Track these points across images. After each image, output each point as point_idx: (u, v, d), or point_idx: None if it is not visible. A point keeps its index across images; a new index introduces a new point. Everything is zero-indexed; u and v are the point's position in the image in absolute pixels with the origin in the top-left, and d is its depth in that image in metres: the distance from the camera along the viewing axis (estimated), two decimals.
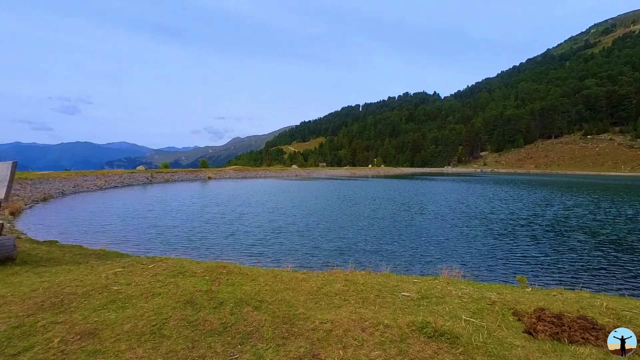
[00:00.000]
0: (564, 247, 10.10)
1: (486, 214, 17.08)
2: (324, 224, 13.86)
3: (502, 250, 9.70)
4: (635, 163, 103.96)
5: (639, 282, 7.13)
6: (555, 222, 14.75)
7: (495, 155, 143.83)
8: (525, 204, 21.21)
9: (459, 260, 8.65)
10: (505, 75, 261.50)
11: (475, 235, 11.70)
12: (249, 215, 15.89)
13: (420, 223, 14.17)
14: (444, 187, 36.87)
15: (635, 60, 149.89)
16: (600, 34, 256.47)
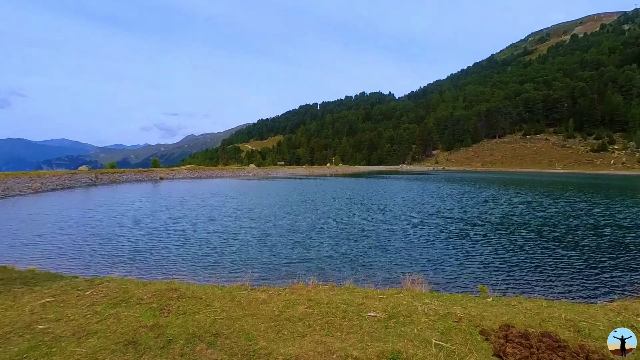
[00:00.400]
0: (515, 247, 10.59)
1: (441, 212, 17.66)
2: (283, 227, 13.48)
3: (459, 252, 9.95)
4: (567, 161, 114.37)
5: (586, 281, 7.57)
6: (504, 220, 15.55)
7: (446, 153, 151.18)
8: (476, 203, 22.28)
9: (418, 264, 8.71)
10: (454, 78, 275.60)
11: (433, 237, 11.96)
12: (204, 220, 15.09)
13: (380, 224, 14.27)
14: (400, 186, 37.89)
15: (566, 67, 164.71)
16: (537, 42, 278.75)
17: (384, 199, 24.56)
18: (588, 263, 8.87)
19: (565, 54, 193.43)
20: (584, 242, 11.25)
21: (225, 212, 17.61)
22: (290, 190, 31.99)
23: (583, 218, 16.32)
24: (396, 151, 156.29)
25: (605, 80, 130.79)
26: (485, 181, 48.62)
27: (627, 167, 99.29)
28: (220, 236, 11.84)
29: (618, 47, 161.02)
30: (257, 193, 28.42)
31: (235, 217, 16.08)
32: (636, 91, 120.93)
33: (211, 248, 10.27)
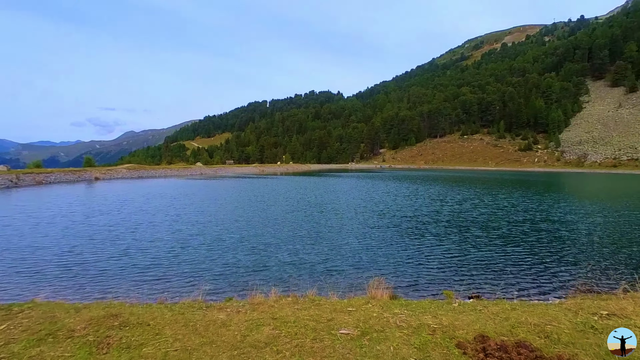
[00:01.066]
0: (467, 245, 11.01)
1: (394, 211, 18.02)
2: (236, 232, 12.78)
3: (415, 252, 10.08)
4: (499, 159, 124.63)
5: (536, 278, 8.00)
6: (453, 218, 16.25)
7: (392, 152, 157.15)
8: (425, 201, 23.17)
9: (378, 267, 8.64)
10: (399, 79, 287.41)
11: (389, 237, 12.05)
12: (146, 227, 13.83)
13: (336, 225, 14.14)
14: (351, 185, 38.42)
15: (497, 73, 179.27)
16: (472, 49, 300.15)
17: (337, 198, 24.63)
18: (533, 259, 9.46)
19: (496, 61, 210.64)
20: (526, 238, 12.06)
21: (171, 216, 16.38)
22: (240, 190, 30.90)
23: (521, 214, 17.62)
24: (345, 150, 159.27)
25: (530, 86, 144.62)
26: (430, 179, 51.13)
27: (548, 165, 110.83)
28: (166, 244, 10.87)
29: (540, 57, 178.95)
30: (206, 194, 27.01)
31: (182, 221, 14.98)
32: (555, 97, 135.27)
33: (155, 258, 9.34)
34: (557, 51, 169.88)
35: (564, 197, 26.60)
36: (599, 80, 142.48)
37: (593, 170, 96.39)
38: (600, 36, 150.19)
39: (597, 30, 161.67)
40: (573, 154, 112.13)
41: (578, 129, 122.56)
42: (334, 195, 26.43)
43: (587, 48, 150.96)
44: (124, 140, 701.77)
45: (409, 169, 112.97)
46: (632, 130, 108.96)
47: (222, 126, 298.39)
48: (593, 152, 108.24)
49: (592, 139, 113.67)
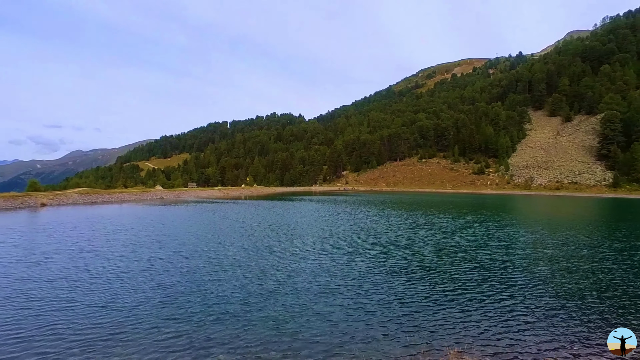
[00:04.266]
0: (469, 291, 10.80)
1: (379, 246, 17.67)
2: (221, 280, 11.67)
3: (409, 302, 9.69)
4: (455, 182, 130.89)
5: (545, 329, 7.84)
6: (434, 252, 16.19)
7: (354, 174, 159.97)
8: (404, 231, 23.18)
9: (366, 324, 8.09)
10: (359, 104, 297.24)
11: (370, 280, 11.58)
12: (98, 273, 12.29)
13: (323, 266, 13.47)
14: (324, 210, 37.90)
15: (449, 101, 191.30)
16: (426, 78, 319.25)
17: (316, 227, 23.98)
18: (538, 308, 9.42)
19: (448, 90, 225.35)
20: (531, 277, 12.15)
21: (127, 256, 14.79)
22: (211, 219, 29.22)
23: (519, 246, 18.03)
24: (308, 172, 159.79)
25: (480, 114, 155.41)
26: (394, 203, 52.04)
27: (499, 187, 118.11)
28: (117, 303, 9.58)
29: (487, 87, 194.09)
30: (172, 225, 25.09)
31: (152, 265, 13.52)
32: (502, 124, 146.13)
33: (106, 326, 8.12)
34: (502, 83, 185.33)
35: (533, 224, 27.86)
36: (539, 110, 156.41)
37: (539, 192, 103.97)
38: (538, 71, 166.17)
39: (535, 66, 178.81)
40: (521, 177, 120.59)
41: (524, 154, 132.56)
42: (311, 225, 25.75)
43: (527, 81, 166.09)
44: (70, 160, 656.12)
45: (372, 191, 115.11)
46: (570, 156, 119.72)
47: (179, 146, 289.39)
48: (538, 175, 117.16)
49: (536, 164, 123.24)
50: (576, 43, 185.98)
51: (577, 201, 66.48)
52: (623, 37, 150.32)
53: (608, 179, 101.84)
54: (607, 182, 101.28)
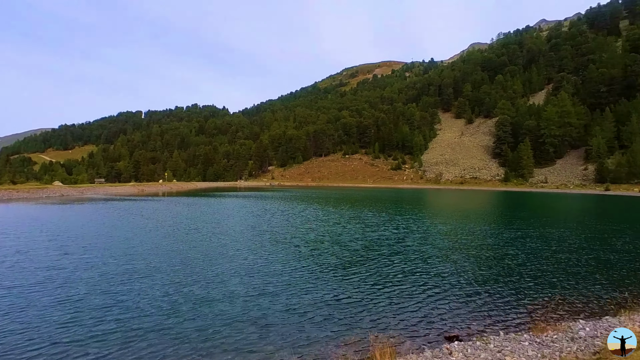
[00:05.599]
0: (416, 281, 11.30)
1: (309, 242, 17.70)
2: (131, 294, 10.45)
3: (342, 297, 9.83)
4: (376, 177, 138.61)
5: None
6: (369, 246, 16.78)
7: (281, 169, 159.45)
8: (327, 227, 23.62)
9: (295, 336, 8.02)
10: (285, 99, 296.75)
11: (305, 284, 11.58)
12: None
13: (252, 268, 12.99)
14: (251, 207, 36.89)
15: (371, 100, 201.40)
16: (349, 77, 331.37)
17: (244, 228, 23.11)
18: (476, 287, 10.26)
19: (370, 90, 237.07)
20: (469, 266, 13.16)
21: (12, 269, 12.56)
22: (120, 219, 26.31)
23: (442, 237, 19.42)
24: (233, 166, 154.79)
25: (397, 114, 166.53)
26: (320, 198, 53.15)
27: (414, 182, 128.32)
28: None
29: (404, 89, 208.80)
30: (74, 227, 21.97)
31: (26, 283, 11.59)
32: (416, 124, 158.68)
33: None
34: (416, 86, 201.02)
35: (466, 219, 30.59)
36: (447, 112, 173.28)
37: (447, 186, 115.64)
38: (446, 77, 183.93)
39: (444, 72, 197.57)
40: (432, 173, 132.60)
41: (434, 152, 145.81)
42: (239, 221, 24.78)
43: (437, 85, 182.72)
44: None
45: (298, 186, 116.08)
46: (471, 154, 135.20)
47: (84, 137, 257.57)
48: (446, 171, 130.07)
49: (444, 161, 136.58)
50: (477, 54, 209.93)
51: (477, 194, 75.52)
52: (513, 51, 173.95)
53: (500, 175, 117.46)
54: (500, 177, 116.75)
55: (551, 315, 7.42)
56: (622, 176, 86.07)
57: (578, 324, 6.39)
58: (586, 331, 5.79)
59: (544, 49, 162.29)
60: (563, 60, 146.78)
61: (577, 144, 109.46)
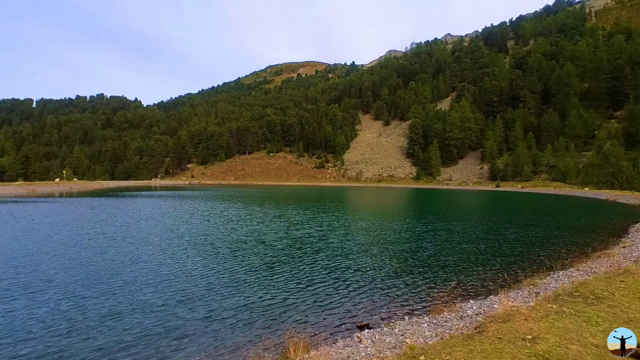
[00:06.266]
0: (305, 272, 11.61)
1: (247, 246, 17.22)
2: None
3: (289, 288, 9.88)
4: (300, 175, 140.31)
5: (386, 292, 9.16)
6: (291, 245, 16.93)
7: (201, 167, 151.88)
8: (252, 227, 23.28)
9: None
10: (206, 94, 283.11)
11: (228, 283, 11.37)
12: None
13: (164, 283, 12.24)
14: (168, 207, 34.43)
15: (295, 99, 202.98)
16: (274, 74, 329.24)
17: (159, 230, 21.46)
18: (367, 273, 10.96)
19: (294, 88, 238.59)
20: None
21: None
22: (7, 225, 22.45)
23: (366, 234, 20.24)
24: (147, 164, 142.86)
25: (321, 114, 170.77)
26: (244, 197, 52.07)
27: (336, 180, 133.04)
28: None
29: (327, 90, 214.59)
30: None
31: None
32: (339, 124, 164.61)
33: None
34: (339, 87, 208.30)
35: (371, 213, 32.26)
36: (367, 114, 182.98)
37: (367, 184, 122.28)
38: (366, 80, 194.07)
39: (364, 75, 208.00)
40: (353, 171, 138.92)
41: (355, 152, 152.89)
42: (149, 225, 22.95)
43: (358, 88, 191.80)
44: None
45: (220, 185, 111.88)
46: (388, 154, 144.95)
47: None
48: (366, 170, 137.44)
49: (364, 160, 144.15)
50: (393, 61, 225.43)
51: (393, 191, 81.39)
52: (424, 60, 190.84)
53: (413, 173, 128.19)
54: (412, 176, 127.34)
55: (449, 298, 8.48)
56: (509, 175, 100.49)
57: (468, 304, 7.49)
58: (473, 310, 6.84)
59: (449, 60, 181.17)
60: (464, 72, 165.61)
61: (475, 146, 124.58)
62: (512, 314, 5.18)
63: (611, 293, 6.76)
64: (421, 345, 4.77)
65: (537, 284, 9.20)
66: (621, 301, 6.34)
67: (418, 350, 4.31)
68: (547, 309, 5.60)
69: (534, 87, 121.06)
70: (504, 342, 4.30)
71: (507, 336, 4.44)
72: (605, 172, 71.36)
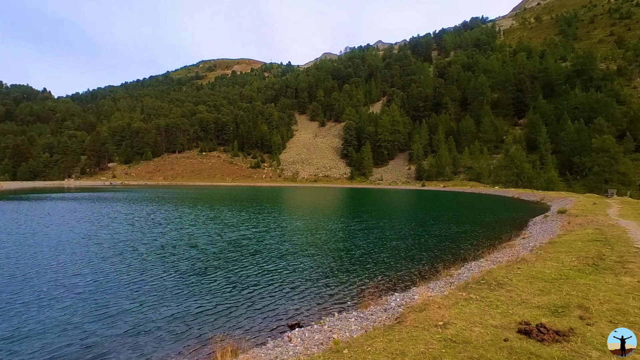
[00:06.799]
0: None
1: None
2: None
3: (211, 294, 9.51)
4: (235, 175, 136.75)
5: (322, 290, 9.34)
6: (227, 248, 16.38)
7: (125, 167, 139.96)
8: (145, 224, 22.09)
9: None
10: (130, 87, 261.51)
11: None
12: None
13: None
14: (84, 211, 31.04)
15: (230, 97, 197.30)
16: (206, 70, 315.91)
17: (74, 237, 19.23)
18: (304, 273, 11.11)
19: (228, 86, 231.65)
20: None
21: None
22: None
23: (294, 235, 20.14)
24: (59, 163, 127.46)
25: (257, 112, 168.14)
26: (175, 198, 49.21)
27: (272, 180, 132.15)
28: None
29: (263, 89, 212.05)
30: None
31: None
32: (275, 123, 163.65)
33: None
34: (275, 86, 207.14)
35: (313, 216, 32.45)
36: (303, 115, 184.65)
37: (303, 184, 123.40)
38: (302, 81, 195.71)
39: (300, 76, 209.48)
40: (289, 171, 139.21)
41: (291, 152, 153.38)
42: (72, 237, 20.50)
43: (294, 88, 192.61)
44: None
45: (147, 186, 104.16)
46: (324, 154, 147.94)
47: None
48: (302, 170, 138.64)
49: (301, 160, 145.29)
50: (328, 63, 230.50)
51: (329, 190, 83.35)
52: (357, 65, 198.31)
53: (347, 173, 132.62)
54: (347, 176, 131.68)
55: (377, 292, 9.05)
56: (433, 175, 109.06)
57: (393, 296, 8.08)
58: (397, 302, 7.43)
59: (380, 66, 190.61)
60: (394, 78, 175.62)
61: (403, 148, 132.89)
62: (428, 303, 5.75)
63: (510, 279, 7.79)
64: (346, 339, 5.08)
65: (452, 274, 10.22)
66: (517, 286, 7.35)
67: (342, 345, 4.60)
68: (457, 297, 6.32)
69: (454, 95, 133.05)
70: (419, 329, 4.78)
71: (422, 324, 4.95)
72: (511, 173, 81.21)
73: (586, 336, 4.48)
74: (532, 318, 5.12)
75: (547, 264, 8.99)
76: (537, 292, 6.66)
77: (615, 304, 5.76)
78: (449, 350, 4.18)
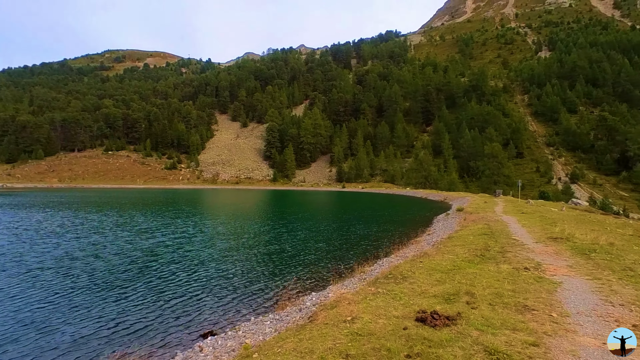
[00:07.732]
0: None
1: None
2: None
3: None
4: (147, 177, 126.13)
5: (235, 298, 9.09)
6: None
7: (7, 167, 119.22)
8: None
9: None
10: (15, 74, 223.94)
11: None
12: None
13: None
14: None
15: (142, 91, 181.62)
16: (113, 61, 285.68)
17: None
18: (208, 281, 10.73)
19: (140, 79, 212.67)
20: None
21: None
22: None
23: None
24: None
25: (173, 110, 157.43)
26: (74, 203, 43.50)
27: (190, 182, 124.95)
28: None
29: (180, 85, 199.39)
30: None
31: None
32: (193, 122, 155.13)
33: None
34: (193, 83, 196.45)
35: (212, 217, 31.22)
36: (224, 114, 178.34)
37: (224, 186, 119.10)
38: (223, 79, 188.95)
39: (220, 74, 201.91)
40: (209, 173, 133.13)
41: (211, 152, 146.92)
42: None
43: (215, 86, 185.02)
44: None
45: (37, 188, 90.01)
46: (246, 156, 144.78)
47: None
48: (223, 171, 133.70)
49: (221, 161, 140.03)
50: (251, 63, 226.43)
51: (251, 193, 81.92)
52: (280, 67, 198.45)
53: (270, 175, 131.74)
54: (269, 177, 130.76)
55: (295, 294, 9.27)
56: (352, 177, 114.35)
57: (310, 296, 8.38)
58: (312, 301, 7.73)
59: (303, 70, 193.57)
60: (316, 82, 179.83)
61: (325, 151, 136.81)
62: (339, 300, 6.13)
63: (413, 272, 8.65)
64: (257, 343, 5.17)
65: (366, 271, 10.95)
66: (419, 278, 8.19)
67: (253, 349, 4.68)
68: (367, 292, 6.84)
69: (371, 101, 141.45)
70: (329, 326, 5.09)
71: (332, 320, 5.27)
72: (420, 175, 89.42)
73: (470, 319, 5.24)
74: (429, 306, 5.80)
75: (445, 256, 10.18)
76: (434, 282, 7.51)
77: (494, 288, 6.80)
78: (355, 343, 4.54)
